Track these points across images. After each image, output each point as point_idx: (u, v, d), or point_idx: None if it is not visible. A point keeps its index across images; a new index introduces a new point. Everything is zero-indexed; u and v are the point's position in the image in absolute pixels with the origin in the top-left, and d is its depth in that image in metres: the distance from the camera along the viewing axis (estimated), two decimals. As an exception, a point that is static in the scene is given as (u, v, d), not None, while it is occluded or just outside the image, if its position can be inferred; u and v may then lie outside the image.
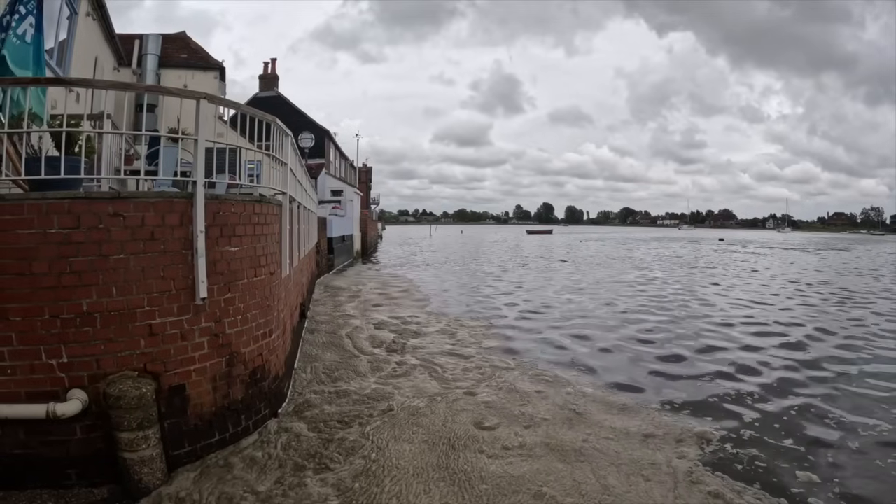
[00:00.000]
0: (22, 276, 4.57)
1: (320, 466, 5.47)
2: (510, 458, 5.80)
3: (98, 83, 5.44)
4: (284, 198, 7.62)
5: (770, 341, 11.80)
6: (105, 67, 14.09)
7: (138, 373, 4.97)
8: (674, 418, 7.02)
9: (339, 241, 30.89)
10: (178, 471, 5.17)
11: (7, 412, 4.62)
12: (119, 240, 4.85)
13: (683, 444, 6.19)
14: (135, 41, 17.14)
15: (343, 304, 16.60)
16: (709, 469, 5.59)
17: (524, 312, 15.59)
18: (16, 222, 4.54)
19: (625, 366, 9.75)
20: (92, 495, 4.84)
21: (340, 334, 11.85)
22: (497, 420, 6.84)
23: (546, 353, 10.58)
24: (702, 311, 15.75)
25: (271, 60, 41.46)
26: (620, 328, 13.19)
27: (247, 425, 5.99)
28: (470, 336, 11.94)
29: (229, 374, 5.73)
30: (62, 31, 10.66)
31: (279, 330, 7.10)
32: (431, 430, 6.48)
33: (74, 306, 4.71)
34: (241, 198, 6.17)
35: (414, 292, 20.01)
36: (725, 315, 15.14)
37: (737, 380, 8.79)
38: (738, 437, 6.49)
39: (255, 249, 6.20)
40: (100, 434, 4.85)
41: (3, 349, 4.59)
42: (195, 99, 5.43)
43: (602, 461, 5.72)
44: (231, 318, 5.74)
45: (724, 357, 10.28)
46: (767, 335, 12.54)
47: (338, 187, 36.86)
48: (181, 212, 5.23)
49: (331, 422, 6.62)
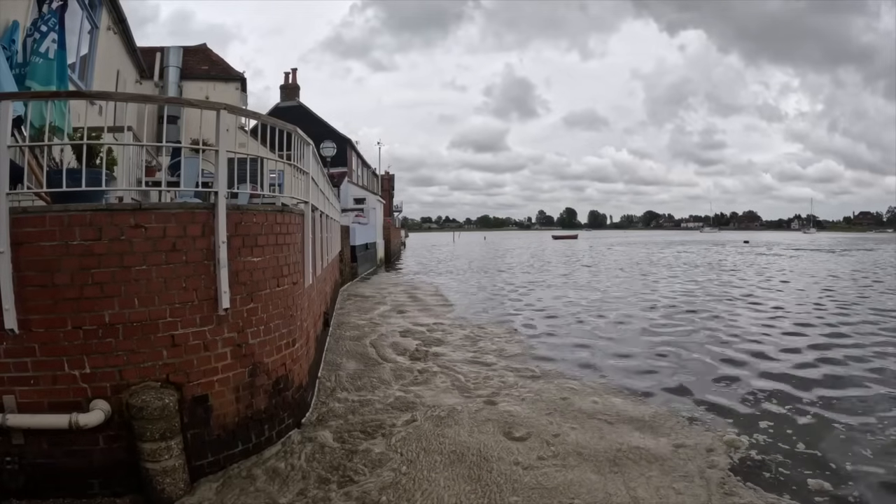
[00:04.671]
0: (44, 287, 4.59)
1: (345, 479, 5.39)
2: (544, 468, 5.68)
3: (118, 96, 5.47)
4: (307, 207, 7.59)
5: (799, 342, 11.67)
6: (127, 80, 14.24)
7: (161, 383, 4.96)
8: (703, 427, 6.87)
9: (363, 249, 30.91)
10: (201, 481, 5.15)
11: (30, 422, 4.65)
12: (141, 251, 4.85)
13: (714, 454, 6.03)
14: (156, 54, 17.34)
15: (366, 311, 16.56)
16: (740, 479, 5.44)
17: (548, 319, 15.45)
18: (38, 234, 4.57)
19: (651, 374, 9.55)
20: (114, 505, 4.84)
21: (364, 342, 11.83)
22: (526, 430, 6.72)
23: (571, 361, 10.43)
24: (729, 317, 15.45)
25: (292, 71, 41.89)
26: (647, 336, 12.97)
27: (270, 435, 5.96)
28: (493, 343, 11.83)
29: (252, 384, 5.71)
30: (84, 45, 10.77)
31: (302, 339, 7.06)
32: (458, 441, 6.37)
33: (97, 317, 4.71)
34: (262, 208, 6.16)
35: (438, 299, 19.98)
36: (753, 321, 14.81)
37: (765, 388, 8.56)
38: (766, 444, 6.33)
39: (277, 259, 6.18)
40: (122, 444, 4.85)
41: (27, 360, 4.61)
42: (215, 110, 5.43)
43: (634, 472, 5.59)
44: (254, 328, 5.72)
45: (753, 365, 10.04)
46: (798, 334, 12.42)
47: (360, 195, 37.04)
48: (203, 222, 5.22)
49: (355, 431, 6.55)
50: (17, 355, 4.60)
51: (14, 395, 4.64)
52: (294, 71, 42.04)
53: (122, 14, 12.58)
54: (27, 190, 5.50)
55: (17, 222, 4.52)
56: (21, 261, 4.53)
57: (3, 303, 4.47)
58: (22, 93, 6.17)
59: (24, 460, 4.72)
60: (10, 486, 4.71)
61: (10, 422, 4.59)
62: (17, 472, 4.71)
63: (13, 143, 4.80)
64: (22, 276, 4.54)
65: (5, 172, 4.50)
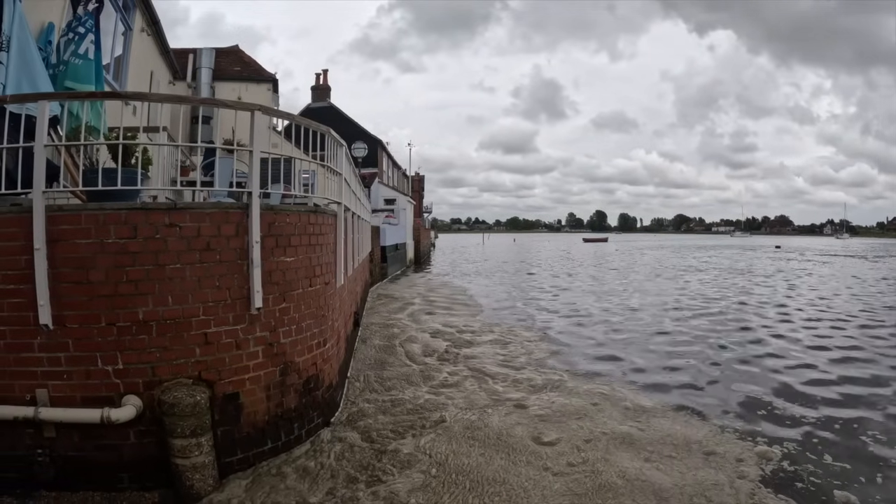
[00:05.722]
0: (79, 284, 4.66)
1: (373, 479, 5.38)
2: (574, 474, 5.62)
3: (153, 96, 5.53)
4: (339, 208, 7.61)
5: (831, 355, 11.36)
6: (160, 81, 14.38)
7: (193, 380, 5.01)
8: (733, 435, 6.73)
9: (393, 249, 30.96)
10: (230, 478, 5.18)
11: (63, 416, 4.73)
12: (175, 250, 4.90)
13: (744, 464, 5.90)
14: (189, 55, 17.46)
15: (396, 312, 16.59)
16: (771, 491, 5.32)
17: (578, 324, 15.30)
18: (74, 232, 4.64)
19: (682, 380, 9.39)
20: (143, 499, 4.90)
21: (393, 343, 11.83)
22: (556, 435, 6.65)
23: (600, 366, 10.32)
24: (762, 325, 15.16)
25: (323, 72, 42.04)
26: (677, 343, 12.72)
27: (299, 434, 5.97)
28: (522, 347, 11.75)
29: (283, 383, 5.73)
30: (118, 46, 10.89)
31: (333, 339, 7.08)
32: (487, 444, 6.34)
33: (131, 314, 4.77)
34: (296, 208, 6.17)
35: (467, 301, 19.94)
36: (788, 328, 14.56)
37: (797, 398, 8.35)
38: (795, 455, 6.19)
39: (310, 259, 6.20)
40: (153, 439, 4.90)
41: (60, 355, 4.69)
42: (249, 110, 5.46)
43: (665, 481, 5.48)
44: (286, 327, 5.74)
45: (787, 372, 9.87)
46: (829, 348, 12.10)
47: (391, 196, 37.13)
48: (236, 222, 5.26)
49: (384, 431, 6.56)
50: (50, 350, 4.68)
51: (47, 389, 4.72)
52: (325, 72, 42.20)
53: (155, 16, 12.71)
54: (63, 188, 5.57)
55: (52, 220, 4.59)
56: (56, 258, 4.60)
57: (38, 298, 4.55)
58: (60, 93, 6.24)
59: (54, 453, 4.80)
60: (40, 478, 4.79)
61: (43, 415, 4.67)
62: (48, 465, 4.79)
63: (49, 142, 4.86)
64: (57, 273, 4.61)
65: (42, 170, 4.57)
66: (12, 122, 4.93)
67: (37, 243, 4.51)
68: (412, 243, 41.56)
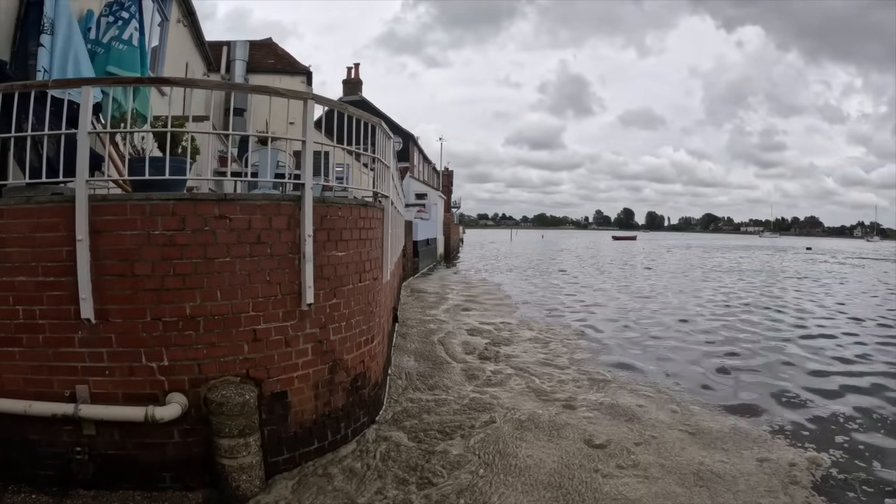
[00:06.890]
0: (123, 277, 4.52)
1: (423, 481, 5.21)
2: (626, 478, 5.43)
3: (203, 83, 5.40)
4: (387, 202, 7.45)
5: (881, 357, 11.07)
6: (195, 73, 14.33)
7: (240, 378, 4.87)
8: (785, 441, 6.53)
9: (424, 244, 30.94)
10: (276, 478, 5.05)
11: (104, 413, 4.59)
12: (225, 242, 4.75)
13: (796, 469, 5.73)
14: (223, 48, 17.42)
15: (431, 308, 16.51)
16: (824, 499, 5.15)
17: (615, 323, 15.06)
18: (118, 223, 4.49)
19: (726, 383, 9.13)
20: (186, 499, 4.77)
21: (432, 339, 11.69)
22: (606, 437, 6.46)
23: (642, 366, 10.08)
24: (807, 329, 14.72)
25: (354, 66, 42.06)
26: (719, 343, 12.47)
27: (346, 433, 5.83)
28: (563, 346, 11.53)
29: (331, 382, 5.58)
30: (154, 37, 10.81)
31: (380, 336, 6.95)
32: (538, 445, 6.16)
33: (177, 309, 4.63)
34: (348, 202, 6.05)
35: (502, 297, 19.79)
36: (834, 331, 14.20)
37: (844, 403, 8.09)
38: (845, 462, 6.00)
39: (360, 254, 6.05)
40: (197, 439, 4.76)
41: (102, 350, 4.56)
42: (302, 100, 5.30)
43: (719, 486, 5.30)
44: (335, 324, 5.60)
45: (835, 377, 9.57)
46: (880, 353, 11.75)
47: (422, 191, 37.05)
48: (289, 215, 5.10)
49: (431, 431, 6.39)
50: (92, 345, 4.55)
51: (88, 386, 4.59)
52: (356, 66, 42.19)
53: (191, 7, 12.70)
54: (107, 178, 5.43)
55: (96, 210, 4.44)
56: (100, 249, 4.46)
57: (80, 292, 4.41)
58: (104, 78, 6.12)
59: (93, 451, 4.68)
60: (78, 477, 4.67)
61: (83, 412, 4.54)
62: (87, 463, 4.66)
63: (92, 129, 4.70)
64: (100, 265, 4.47)
65: (86, 158, 4.43)
66: (53, 107, 4.79)
67: (79, 234, 4.36)
68: (442, 238, 41.40)
